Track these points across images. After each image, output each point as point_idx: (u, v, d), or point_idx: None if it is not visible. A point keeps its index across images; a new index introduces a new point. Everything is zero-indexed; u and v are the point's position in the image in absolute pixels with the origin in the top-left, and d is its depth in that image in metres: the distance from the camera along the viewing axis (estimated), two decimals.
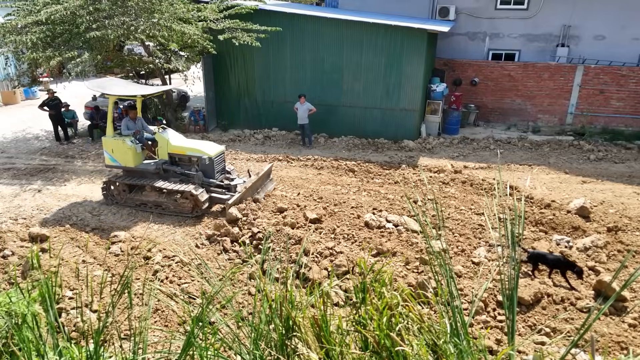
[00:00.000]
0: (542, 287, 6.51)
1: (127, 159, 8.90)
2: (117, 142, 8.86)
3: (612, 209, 8.97)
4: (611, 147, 13.04)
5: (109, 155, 9.04)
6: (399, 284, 3.58)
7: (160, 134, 9.05)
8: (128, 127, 9.05)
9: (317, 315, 3.35)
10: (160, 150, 9.15)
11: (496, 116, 15.57)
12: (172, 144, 9.00)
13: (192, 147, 9.02)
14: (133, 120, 9.13)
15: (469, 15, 15.32)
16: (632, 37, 14.16)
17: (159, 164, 9.05)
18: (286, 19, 13.41)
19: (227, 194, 8.91)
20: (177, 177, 9.02)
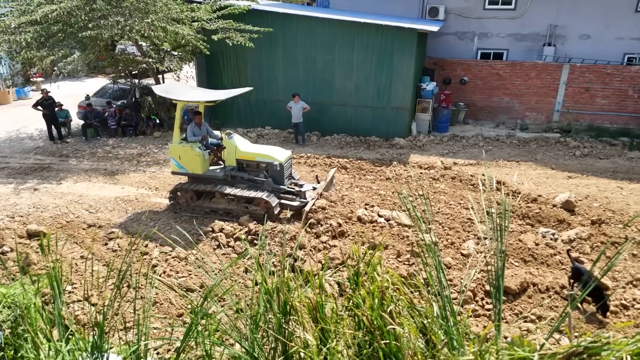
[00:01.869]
0: (528, 277, 6.78)
1: (195, 165, 8.65)
2: (185, 148, 8.59)
3: (596, 203, 9.28)
4: (596, 144, 13.39)
5: (175, 162, 8.79)
6: (390, 270, 3.79)
7: (228, 139, 8.83)
8: (194, 133, 8.79)
9: (313, 300, 3.55)
10: (228, 156, 8.89)
11: (485, 114, 15.87)
12: (241, 149, 8.78)
13: (262, 153, 8.79)
14: (198, 126, 8.89)
15: (458, 15, 15.60)
16: (616, 36, 14.53)
17: (227, 171, 8.81)
18: (278, 19, 13.59)
19: (297, 200, 8.68)
20: (244, 184, 8.78)
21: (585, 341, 2.65)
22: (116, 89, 15.76)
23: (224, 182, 8.79)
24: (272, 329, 3.75)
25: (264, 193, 8.43)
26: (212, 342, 3.71)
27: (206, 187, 8.70)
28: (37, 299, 4.81)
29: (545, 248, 7.53)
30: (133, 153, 12.63)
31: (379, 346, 3.19)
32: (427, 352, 3.46)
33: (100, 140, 13.91)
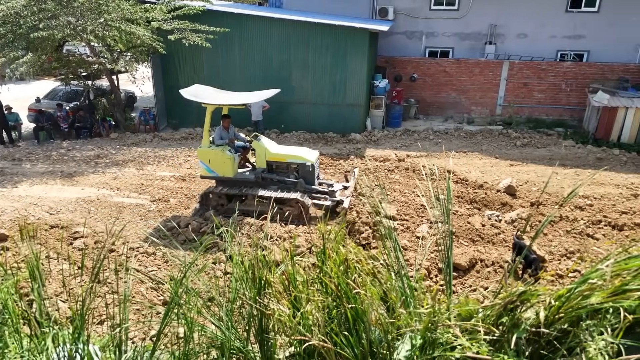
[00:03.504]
0: (476, 254, 7.46)
1: (225, 169, 8.63)
2: (215, 152, 8.56)
3: (535, 187, 10.19)
4: (534, 134, 14.52)
5: (205, 166, 8.75)
6: (353, 244, 4.23)
7: (257, 142, 8.84)
8: (222, 137, 8.79)
9: (286, 272, 3.94)
10: (258, 158, 8.89)
11: (434, 109, 16.74)
12: (271, 151, 8.80)
13: (292, 154, 8.85)
14: (226, 129, 8.92)
15: (406, 16, 16.37)
16: (550, 35, 15.75)
17: (258, 173, 8.85)
18: (234, 20, 13.82)
19: (328, 200, 8.75)
20: (274, 185, 8.78)
21: (518, 291, 3.23)
22: (68, 90, 15.43)
23: (254, 184, 8.78)
24: (248, 303, 4.11)
25: (297, 194, 8.45)
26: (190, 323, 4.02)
27: (239, 190, 8.63)
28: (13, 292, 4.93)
29: (490, 228, 8.28)
30: (90, 155, 12.49)
31: (346, 309, 3.63)
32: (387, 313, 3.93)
33: (53, 143, 13.62)
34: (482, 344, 3.16)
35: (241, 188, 8.69)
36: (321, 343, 3.45)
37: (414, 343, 3.38)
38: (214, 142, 8.81)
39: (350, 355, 3.50)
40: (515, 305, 3.44)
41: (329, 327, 3.61)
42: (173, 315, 4.07)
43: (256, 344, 4.19)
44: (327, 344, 3.46)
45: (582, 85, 15.11)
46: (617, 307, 3.25)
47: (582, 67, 15.21)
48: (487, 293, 6.31)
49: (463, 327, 3.39)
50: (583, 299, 3.29)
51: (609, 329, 3.19)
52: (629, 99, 13.37)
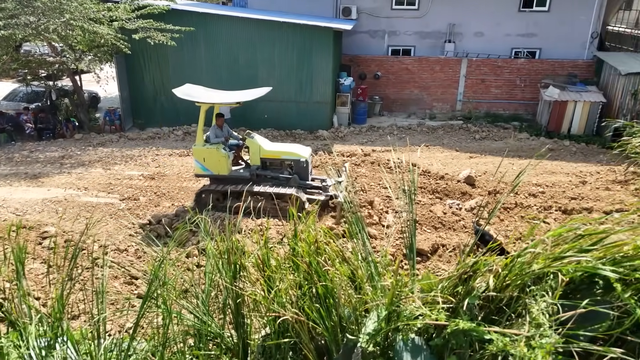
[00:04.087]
0: (438, 240, 7.91)
1: (220, 167, 8.75)
2: (210, 150, 8.66)
3: (492, 177, 10.78)
4: (492, 128, 15.25)
5: (199, 165, 8.82)
6: (323, 227, 4.52)
7: (251, 139, 8.95)
8: (217, 135, 8.88)
9: (259, 255, 4.20)
10: (253, 155, 9.00)
11: (398, 106, 17.27)
12: (265, 148, 8.94)
13: (286, 151, 9.01)
14: (220, 128, 9.01)
15: (369, 15, 16.81)
16: (505, 33, 16.54)
17: (252, 170, 8.94)
18: (199, 19, 13.88)
19: (322, 194, 8.91)
20: (268, 182, 8.87)
21: (471, 262, 3.62)
22: (29, 92, 15.08)
23: (249, 181, 8.82)
24: (224, 285, 4.34)
25: (292, 189, 8.61)
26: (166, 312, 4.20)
27: (235, 187, 8.66)
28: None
29: (451, 216, 8.76)
30: (54, 156, 12.30)
31: (318, 286, 3.93)
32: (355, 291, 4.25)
33: (15, 145, 13.31)
34: (441, 311, 3.54)
35: (236, 185, 8.77)
36: (295, 316, 3.74)
37: (380, 316, 3.72)
38: (208, 140, 8.91)
39: (322, 327, 3.81)
40: (468, 275, 3.84)
41: (302, 303, 3.91)
42: (150, 305, 4.24)
43: (233, 329, 4.43)
44: (301, 317, 3.76)
45: (535, 81, 15.96)
46: (556, 271, 3.70)
47: (534, 63, 16.07)
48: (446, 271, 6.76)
49: (424, 300, 3.76)
50: (526, 266, 3.72)
51: (549, 292, 3.63)
52: (577, 93, 14.25)
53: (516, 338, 3.28)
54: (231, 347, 4.42)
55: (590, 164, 11.79)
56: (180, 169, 11.22)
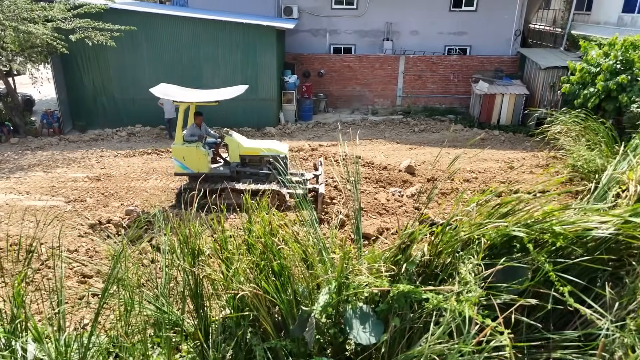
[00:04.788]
0: (382, 224, 8.49)
1: (200, 165, 8.77)
2: (189, 149, 8.69)
3: (431, 166, 11.56)
4: (430, 121, 16.20)
5: (179, 163, 8.82)
6: (276, 212, 4.87)
7: (230, 137, 9.05)
8: (193, 134, 8.89)
9: (217, 239, 4.49)
10: (232, 153, 9.10)
11: (342, 102, 17.87)
12: (244, 145, 9.06)
13: (265, 147, 9.14)
14: (198, 127, 9.02)
15: (310, 14, 17.28)
16: (438, 31, 17.58)
17: (232, 167, 9.08)
18: (139, 18, 13.73)
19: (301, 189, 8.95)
20: (248, 178, 8.97)
21: (408, 233, 4.12)
22: None
23: (229, 178, 8.96)
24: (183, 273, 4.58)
25: (273, 185, 8.81)
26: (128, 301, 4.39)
27: (216, 185, 8.65)
28: None
29: (394, 202, 9.39)
30: None
31: (273, 263, 4.28)
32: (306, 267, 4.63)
33: None
34: (384, 279, 4.02)
35: (216, 183, 8.84)
36: (253, 291, 4.09)
37: (331, 288, 4.15)
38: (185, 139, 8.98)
39: (279, 301, 4.19)
40: (407, 245, 4.37)
41: (259, 279, 4.26)
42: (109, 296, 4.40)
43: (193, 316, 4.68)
44: (258, 291, 4.12)
45: (466, 76, 17.10)
46: (479, 237, 4.29)
47: (465, 60, 17.20)
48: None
49: (371, 272, 4.23)
50: (455, 234, 4.30)
51: (475, 255, 4.22)
52: (504, 87, 15.46)
53: (448, 295, 3.83)
54: (192, 333, 4.69)
55: (517, 151, 12.90)
56: (127, 169, 11.13)
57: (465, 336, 3.40)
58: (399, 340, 3.92)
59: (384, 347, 3.86)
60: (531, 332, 3.99)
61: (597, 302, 3.99)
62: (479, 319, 3.47)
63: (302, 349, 4.06)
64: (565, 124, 10.68)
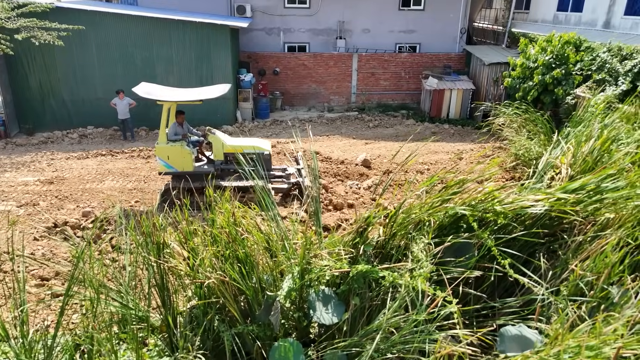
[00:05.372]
0: (342, 216, 8.81)
1: (185, 163, 8.81)
2: (174, 148, 8.72)
3: (385, 160, 12.01)
4: (384, 117, 16.72)
5: (163, 162, 8.82)
6: (238, 204, 5.05)
7: (213, 135, 9.11)
8: (176, 132, 8.90)
9: (182, 231, 4.61)
10: (216, 151, 9.15)
11: (298, 100, 18.10)
12: (228, 144, 9.13)
13: (248, 145, 9.20)
14: (181, 125, 9.03)
15: (263, 13, 17.38)
16: (389, 30, 18.13)
17: (217, 165, 9.16)
18: (88, 17, 13.38)
19: (285, 183, 9.36)
20: (232, 175, 8.77)
21: (364, 217, 4.41)
22: None
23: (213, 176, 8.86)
24: (148, 266, 4.67)
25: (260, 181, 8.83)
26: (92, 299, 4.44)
27: (202, 183, 8.55)
28: None
29: (352, 195, 9.73)
30: None
31: (238, 251, 4.46)
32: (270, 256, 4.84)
33: None
34: (344, 261, 4.30)
35: (201, 181, 8.79)
36: (219, 277, 4.27)
37: (294, 273, 4.38)
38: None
39: (244, 287, 4.38)
40: (363, 228, 4.68)
41: (224, 267, 4.44)
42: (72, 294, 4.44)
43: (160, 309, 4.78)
44: (225, 277, 4.30)
45: (417, 73, 17.75)
46: (429, 218, 4.66)
47: (415, 57, 17.85)
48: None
49: (331, 256, 4.50)
50: (407, 216, 4.65)
51: (426, 235, 4.58)
52: (452, 82, 16.19)
53: (402, 272, 4.15)
54: (158, 326, 4.80)
55: (465, 143, 13.60)
56: (80, 171, 10.88)
57: (418, 308, 3.73)
58: (359, 318, 4.22)
59: (345, 326, 4.13)
60: (478, 302, 4.38)
61: (536, 273, 4.44)
62: (430, 291, 3.82)
63: (269, 333, 4.26)
64: (508, 116, 11.40)
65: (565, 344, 3.30)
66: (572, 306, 3.91)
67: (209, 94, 9.03)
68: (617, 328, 3.36)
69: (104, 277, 4.72)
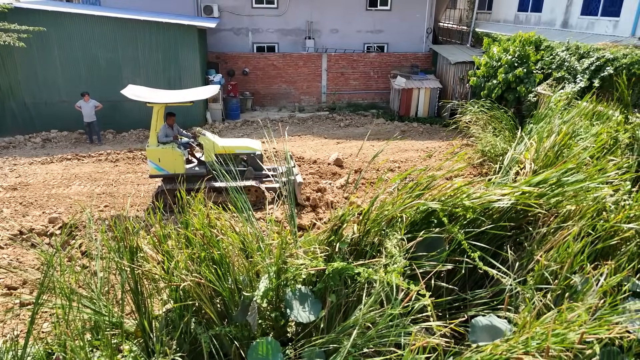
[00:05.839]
0: (315, 217, 8.87)
1: (177, 165, 8.76)
2: (165, 150, 8.66)
3: (357, 158, 12.15)
4: (354, 116, 16.89)
5: (154, 165, 8.74)
6: (211, 205, 5.03)
7: (204, 137, 9.03)
8: (167, 134, 8.83)
9: (156, 234, 4.57)
10: (207, 152, 9.04)
11: (269, 100, 18.06)
12: (219, 145, 9.06)
13: (240, 145, 9.27)
14: (171, 127, 8.99)
15: (231, 13, 17.26)
16: (356, 30, 18.32)
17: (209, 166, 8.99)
18: (49, 17, 12.97)
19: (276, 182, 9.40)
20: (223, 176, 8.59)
21: (339, 215, 4.47)
22: None
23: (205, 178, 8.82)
24: (121, 271, 4.60)
25: (251, 181, 9.01)
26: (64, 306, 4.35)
27: (194, 185, 8.26)
28: None
29: (328, 194, 9.80)
30: None
31: (214, 253, 4.46)
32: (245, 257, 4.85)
33: None
34: (320, 259, 4.36)
35: (193, 183, 8.65)
36: (195, 280, 4.26)
37: (270, 273, 4.41)
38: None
39: (220, 288, 4.38)
40: (338, 226, 4.75)
41: (200, 269, 4.43)
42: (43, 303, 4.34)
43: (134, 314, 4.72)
44: (200, 279, 4.29)
45: (385, 72, 18.00)
46: (401, 215, 4.77)
47: (383, 57, 18.10)
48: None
49: (307, 255, 4.55)
50: (380, 213, 4.75)
51: (398, 231, 4.68)
52: (420, 81, 16.51)
53: (377, 267, 4.25)
54: (133, 332, 4.74)
55: (434, 141, 13.90)
56: (45, 177, 10.55)
57: (393, 302, 3.84)
58: (336, 315, 4.29)
59: (322, 323, 4.20)
60: (450, 294, 4.53)
61: (504, 264, 4.63)
62: (404, 286, 3.92)
63: (246, 334, 4.28)
64: (474, 114, 11.74)
65: (533, 331, 3.47)
66: (538, 295, 4.09)
67: (198, 95, 8.97)
68: (580, 315, 3.55)
69: (75, 283, 4.63)
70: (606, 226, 4.62)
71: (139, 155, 12.07)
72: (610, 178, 5.13)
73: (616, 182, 5.36)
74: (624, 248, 4.71)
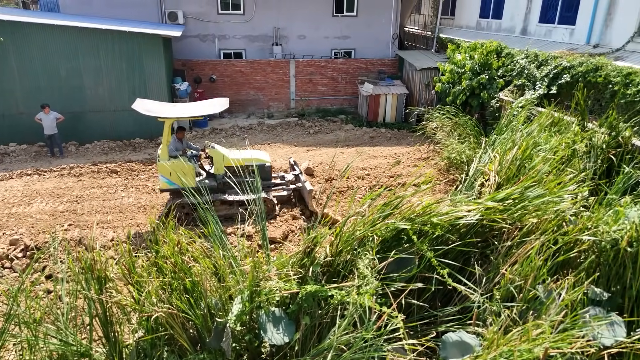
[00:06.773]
0: (288, 228, 8.88)
1: (188, 179, 8.75)
2: (176, 164, 8.63)
3: (327, 167, 12.21)
4: (323, 122, 16.96)
5: (165, 180, 8.74)
6: (183, 230, 4.97)
7: (213, 150, 9.10)
8: (176, 148, 8.88)
9: (125, 263, 4.49)
10: (217, 165, 9.13)
11: (237, 107, 17.91)
12: (229, 157, 9.09)
13: (249, 158, 9.23)
14: (180, 141, 9.02)
15: (196, 20, 17.03)
16: (324, 36, 18.40)
17: (219, 179, 9.16)
18: (5, 27, 12.46)
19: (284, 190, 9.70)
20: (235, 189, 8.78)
21: (311, 237, 4.49)
22: None
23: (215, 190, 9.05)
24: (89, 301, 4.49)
25: (263, 193, 9.01)
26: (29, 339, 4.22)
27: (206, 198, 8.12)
28: None
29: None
30: None
31: (185, 281, 4.41)
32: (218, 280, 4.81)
33: None
34: (293, 282, 4.38)
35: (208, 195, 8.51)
36: (167, 310, 4.21)
37: (243, 297, 4.41)
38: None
39: (193, 316, 4.35)
40: (311, 248, 4.78)
41: (171, 298, 4.38)
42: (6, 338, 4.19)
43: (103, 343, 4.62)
44: (172, 310, 4.24)
45: (353, 78, 18.17)
46: (372, 234, 4.84)
47: (351, 62, 18.26)
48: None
49: (280, 277, 4.56)
50: (351, 233, 4.81)
51: (370, 251, 4.75)
52: (387, 87, 16.74)
53: (349, 289, 4.31)
54: None
55: (402, 146, 14.12)
56: (4, 194, 10.15)
57: (367, 324, 3.90)
58: (310, 337, 4.32)
59: (297, 345, 4.22)
60: (421, 311, 4.64)
61: (471, 280, 4.77)
62: (376, 307, 4.00)
63: (220, 359, 4.26)
64: (440, 120, 12.00)
65: (500, 349, 3.60)
66: (505, 309, 4.24)
67: (209, 110, 8.98)
68: (544, 330, 3.70)
69: (38, 311, 4.49)
70: (566, 239, 4.82)
71: (104, 169, 11.76)
72: (568, 192, 5.36)
73: (574, 194, 5.61)
74: (582, 258, 4.94)
